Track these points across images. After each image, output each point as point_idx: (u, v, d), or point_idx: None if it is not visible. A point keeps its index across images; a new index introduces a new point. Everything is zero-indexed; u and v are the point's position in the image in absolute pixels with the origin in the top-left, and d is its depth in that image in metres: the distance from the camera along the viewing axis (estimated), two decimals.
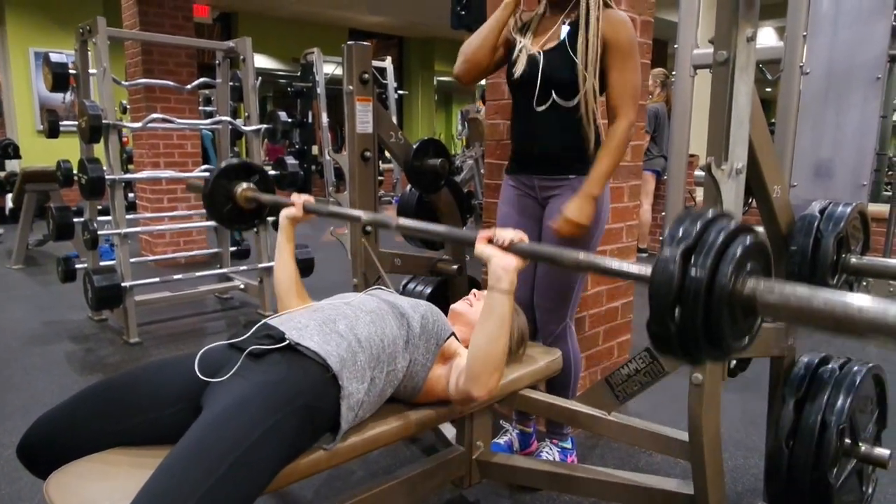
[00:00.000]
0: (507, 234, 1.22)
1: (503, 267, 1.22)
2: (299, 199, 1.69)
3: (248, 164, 2.11)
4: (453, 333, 1.50)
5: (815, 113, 3.68)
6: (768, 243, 0.90)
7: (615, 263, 1.02)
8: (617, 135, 1.72)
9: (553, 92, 1.74)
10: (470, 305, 1.66)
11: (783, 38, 3.46)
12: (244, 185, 2.03)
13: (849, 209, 1.55)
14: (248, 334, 1.30)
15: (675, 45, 3.90)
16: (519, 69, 1.77)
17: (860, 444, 1.57)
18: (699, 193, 5.07)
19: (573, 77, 1.70)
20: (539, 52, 1.75)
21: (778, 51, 3.51)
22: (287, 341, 1.26)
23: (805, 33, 3.40)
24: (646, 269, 0.93)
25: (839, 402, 1.51)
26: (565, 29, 1.74)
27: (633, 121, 1.73)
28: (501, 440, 2.08)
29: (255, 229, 3.76)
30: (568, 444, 2.03)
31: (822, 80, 3.66)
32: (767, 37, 9.51)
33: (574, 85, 1.71)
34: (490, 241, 1.23)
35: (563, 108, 1.74)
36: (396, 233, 2.67)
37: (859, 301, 0.71)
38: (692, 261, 0.83)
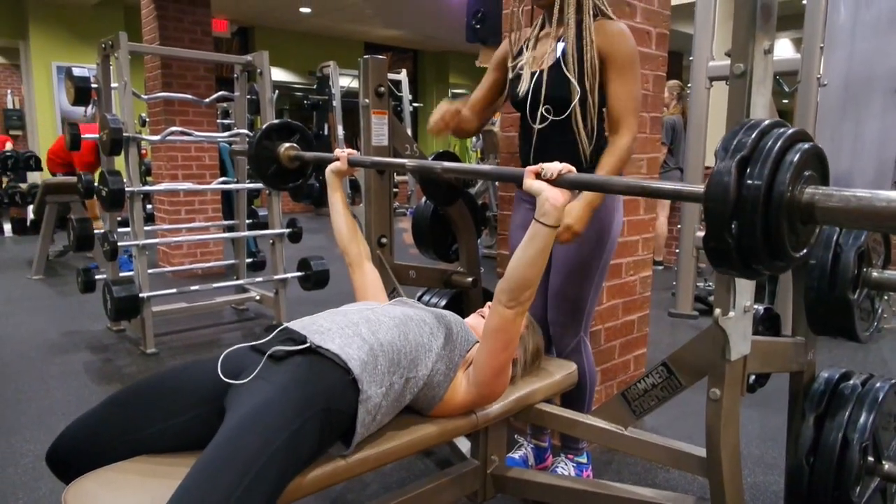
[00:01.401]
0: (555, 167, 1.26)
1: (552, 202, 1.26)
2: (343, 152, 1.79)
3: (288, 124, 2.17)
4: (478, 342, 1.50)
5: (833, 125, 3.65)
6: (824, 152, 0.88)
7: (666, 185, 1.06)
8: (619, 147, 1.67)
9: (550, 111, 1.73)
10: (483, 318, 1.66)
11: (800, 50, 3.43)
12: (286, 144, 2.10)
13: None
14: (269, 337, 1.31)
15: (691, 58, 3.89)
16: (523, 88, 1.78)
17: (884, 462, 1.54)
18: None
19: (569, 95, 1.69)
20: (537, 72, 1.75)
21: (795, 62, 3.49)
22: (308, 344, 1.27)
23: (822, 45, 3.38)
24: (699, 187, 0.92)
25: (861, 419, 1.49)
26: (560, 46, 1.72)
27: (636, 133, 1.70)
28: (516, 454, 2.06)
29: (271, 241, 3.79)
30: (583, 459, 2.01)
31: (840, 92, 3.63)
32: (784, 49, 9.46)
33: (569, 103, 1.70)
34: (538, 175, 1.27)
35: (561, 125, 1.72)
36: (411, 246, 2.69)
37: None
38: (748, 171, 0.81)
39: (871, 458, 1.50)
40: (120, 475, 1.17)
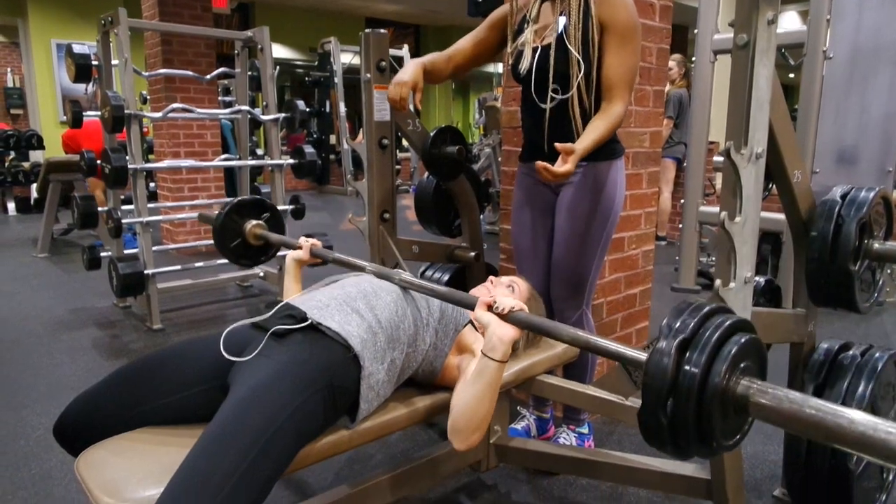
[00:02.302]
0: (507, 303, 1.21)
1: (499, 337, 1.20)
2: (307, 242, 1.74)
3: (261, 202, 2.15)
4: (471, 321, 1.51)
5: (838, 98, 3.62)
6: (763, 345, 0.90)
7: (612, 346, 1.01)
8: (612, 113, 1.64)
9: (555, 88, 1.71)
10: (488, 291, 1.67)
11: (807, 22, 3.39)
12: (254, 221, 2.08)
13: (871, 194, 1.53)
14: (269, 314, 1.32)
15: (696, 30, 3.85)
16: (524, 65, 1.75)
17: None
18: (719, 181, 5.01)
19: (572, 70, 1.67)
20: (539, 48, 1.73)
21: (801, 35, 3.45)
22: (309, 321, 1.28)
23: (829, 17, 3.34)
24: (642, 356, 0.93)
25: (860, 389, 1.51)
26: (562, 21, 1.69)
27: (628, 105, 1.69)
28: (519, 425, 2.09)
29: None
30: (585, 430, 2.04)
31: (846, 65, 3.59)
32: (792, 21, 9.33)
33: (573, 78, 1.67)
34: (490, 307, 1.22)
35: (564, 103, 1.70)
36: (414, 221, 2.69)
37: (850, 414, 0.71)
38: (687, 356, 0.83)
39: None
40: (129, 444, 1.20)
